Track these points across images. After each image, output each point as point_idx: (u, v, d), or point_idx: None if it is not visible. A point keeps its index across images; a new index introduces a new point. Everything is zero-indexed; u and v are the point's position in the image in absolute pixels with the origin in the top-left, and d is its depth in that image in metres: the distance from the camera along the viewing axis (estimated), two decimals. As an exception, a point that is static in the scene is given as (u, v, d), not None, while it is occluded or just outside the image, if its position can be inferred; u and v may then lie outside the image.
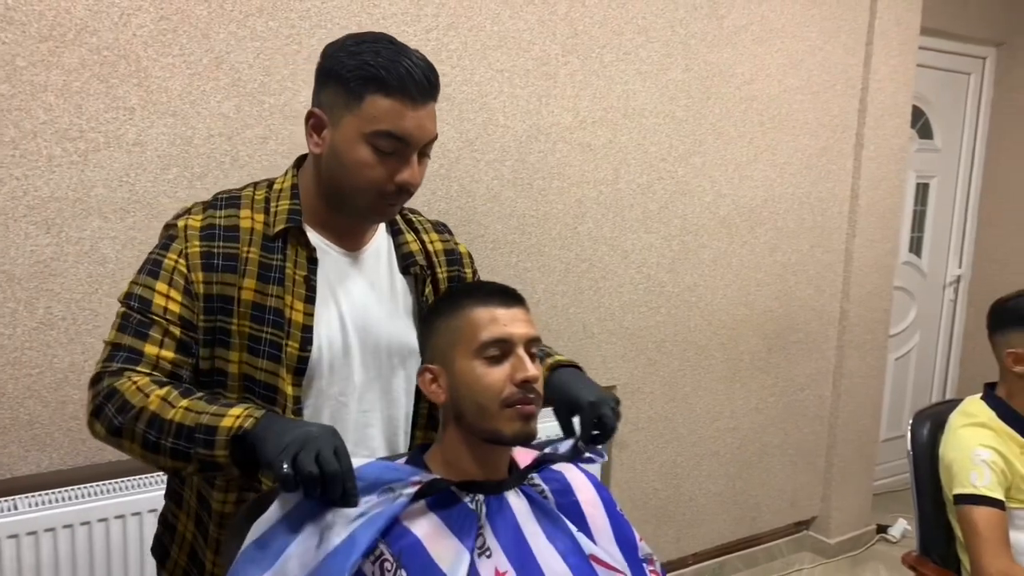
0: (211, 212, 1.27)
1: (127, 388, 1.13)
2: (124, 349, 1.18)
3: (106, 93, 1.86)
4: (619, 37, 2.63)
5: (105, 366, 1.17)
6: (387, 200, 1.25)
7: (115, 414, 1.13)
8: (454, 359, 1.17)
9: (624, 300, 2.82)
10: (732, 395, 3.18)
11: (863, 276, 3.43)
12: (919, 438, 2.07)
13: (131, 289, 1.22)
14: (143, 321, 1.19)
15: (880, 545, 3.70)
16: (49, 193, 1.83)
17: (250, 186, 1.33)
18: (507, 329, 1.17)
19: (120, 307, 1.22)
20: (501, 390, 1.15)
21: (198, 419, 1.08)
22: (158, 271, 1.22)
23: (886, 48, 3.29)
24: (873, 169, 3.36)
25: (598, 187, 2.68)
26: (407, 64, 1.18)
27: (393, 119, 1.18)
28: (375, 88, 1.17)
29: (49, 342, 1.86)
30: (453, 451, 1.20)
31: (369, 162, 1.20)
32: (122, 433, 1.13)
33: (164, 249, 1.24)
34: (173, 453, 1.10)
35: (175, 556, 1.36)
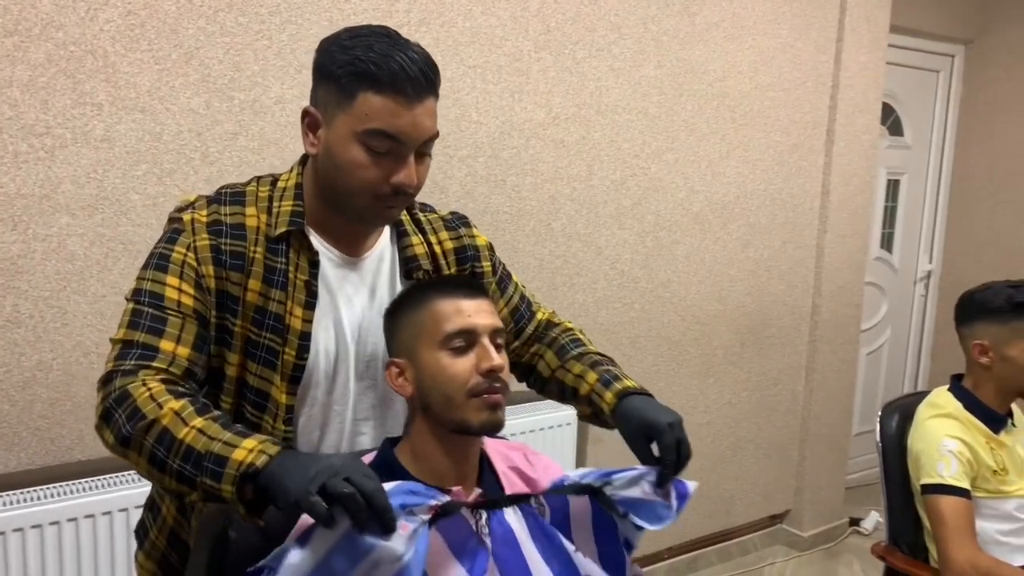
0: (216, 208, 1.21)
1: (140, 395, 1.06)
2: (137, 346, 1.11)
3: (73, 89, 1.85)
4: (592, 33, 2.64)
5: (117, 365, 1.10)
6: (384, 202, 1.19)
7: (125, 422, 1.05)
8: (419, 351, 1.18)
9: (598, 296, 2.83)
10: (706, 390, 3.20)
11: (834, 271, 3.47)
12: (888, 430, 2.09)
13: (139, 285, 1.16)
14: (157, 316, 1.13)
15: (853, 538, 3.73)
16: (15, 190, 1.81)
17: (254, 181, 1.27)
18: (471, 320, 1.17)
19: (128, 304, 1.15)
20: (467, 380, 1.15)
21: (209, 445, 1.01)
22: (167, 265, 1.16)
23: (856, 45, 3.33)
24: (844, 165, 3.40)
25: (571, 183, 2.69)
26: (401, 59, 1.11)
27: (386, 117, 1.12)
28: (367, 85, 1.11)
29: (16, 340, 1.84)
30: (422, 444, 1.20)
31: (363, 163, 1.14)
32: (130, 444, 1.05)
33: (171, 243, 1.18)
34: (179, 476, 1.03)
35: (154, 537, 1.34)
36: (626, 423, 1.28)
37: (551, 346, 1.43)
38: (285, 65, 2.09)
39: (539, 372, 1.44)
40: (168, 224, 1.22)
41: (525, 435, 2.52)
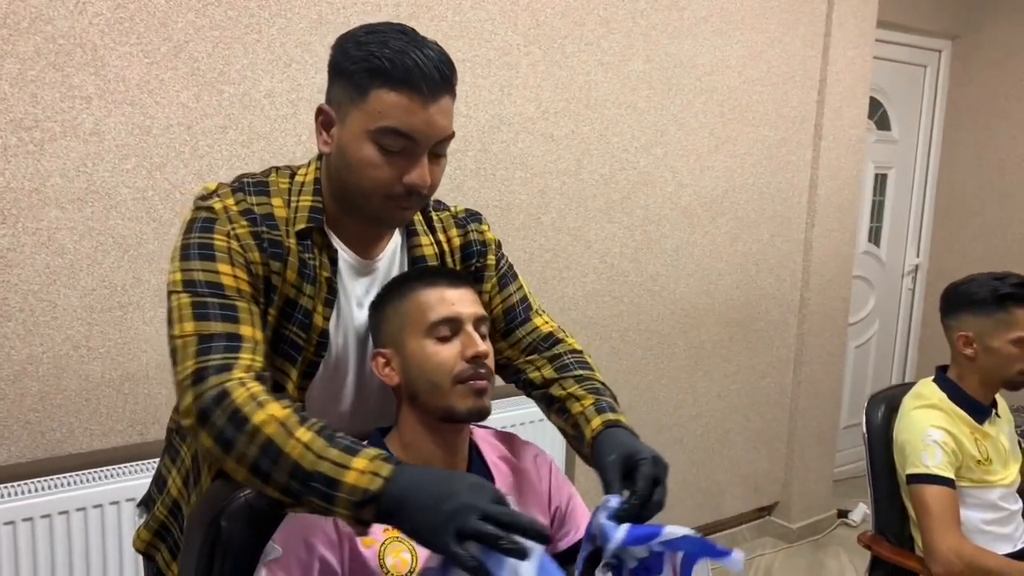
0: (242, 196, 1.17)
1: (239, 394, 1.02)
2: (219, 337, 1.06)
3: (62, 82, 1.85)
4: (581, 28, 2.65)
5: (204, 360, 1.04)
6: (397, 203, 1.16)
7: (226, 424, 1.01)
8: (405, 341, 1.19)
9: (587, 290, 2.84)
10: (695, 383, 3.22)
11: (822, 265, 3.49)
12: (874, 421, 2.12)
13: (187, 276, 1.10)
14: (225, 304, 1.09)
15: (841, 529, 3.77)
16: (4, 183, 1.81)
17: (272, 172, 1.24)
18: (456, 308, 1.19)
19: (180, 297, 1.09)
20: (453, 367, 1.17)
21: (317, 464, 0.97)
22: (212, 253, 1.12)
23: (844, 40, 3.35)
24: (831, 160, 3.42)
25: (561, 177, 2.70)
26: (417, 56, 1.09)
27: (399, 115, 1.09)
28: (380, 81, 1.09)
29: (6, 334, 1.84)
30: (410, 433, 1.21)
31: (375, 161, 1.12)
32: (231, 449, 1.00)
33: (207, 232, 1.13)
34: (284, 490, 1.00)
35: (157, 509, 1.35)
36: (606, 446, 1.18)
37: (552, 361, 1.36)
38: (274, 59, 2.10)
39: (530, 379, 1.37)
40: (194, 212, 1.16)
41: (515, 428, 2.53)
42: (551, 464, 1.39)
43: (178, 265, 1.12)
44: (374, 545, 1.13)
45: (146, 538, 1.36)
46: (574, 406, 1.29)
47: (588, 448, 1.23)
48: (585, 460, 1.27)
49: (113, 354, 1.97)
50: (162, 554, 1.36)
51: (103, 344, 1.96)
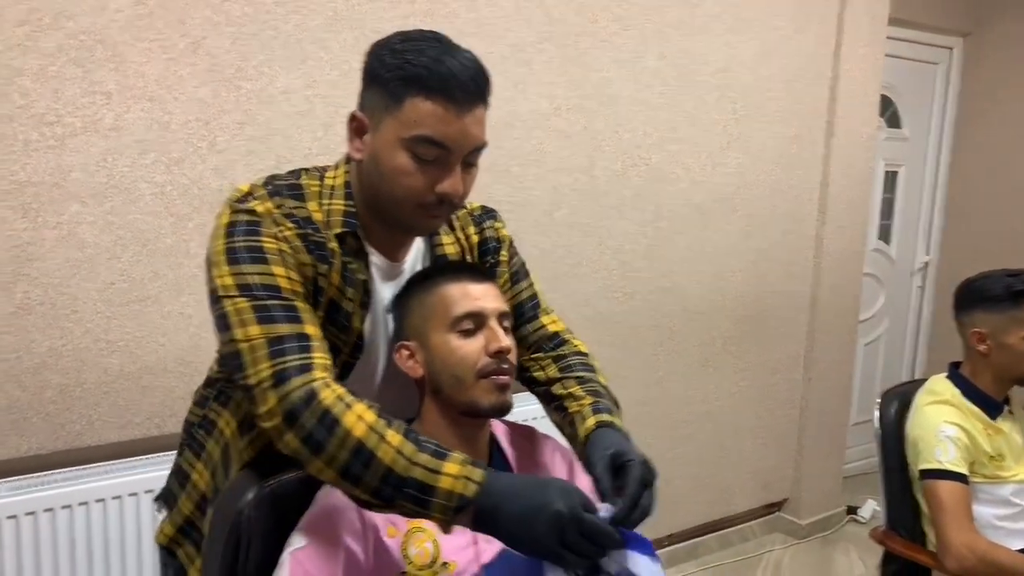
0: (280, 200, 1.16)
1: (327, 395, 1.03)
2: (290, 339, 1.06)
3: (83, 78, 1.86)
4: (594, 24, 2.66)
5: (281, 362, 1.04)
6: (428, 211, 1.16)
7: (316, 426, 1.01)
8: (429, 334, 1.21)
9: (599, 286, 2.85)
10: (706, 379, 3.23)
11: (833, 262, 3.49)
12: (886, 417, 2.12)
13: (241, 280, 1.09)
14: (285, 305, 1.09)
15: (850, 526, 3.77)
16: (26, 178, 1.83)
17: (301, 173, 1.22)
18: (479, 303, 1.21)
19: (237, 302, 1.08)
20: (476, 361, 1.18)
21: (410, 470, 1.00)
22: (263, 255, 1.10)
23: (856, 38, 3.35)
24: (843, 157, 3.42)
25: (574, 174, 2.71)
26: (452, 64, 1.09)
27: (434, 123, 1.09)
28: (416, 89, 1.09)
29: (27, 327, 1.86)
30: (432, 425, 1.23)
31: (408, 169, 1.12)
32: (320, 452, 1.01)
33: (253, 235, 1.12)
34: (375, 493, 1.02)
35: (181, 504, 1.34)
36: (597, 445, 1.18)
37: (557, 360, 1.37)
38: (291, 55, 2.11)
39: (533, 377, 1.38)
40: (231, 215, 1.14)
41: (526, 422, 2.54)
42: (570, 458, 1.40)
43: (227, 269, 1.10)
44: (397, 535, 1.15)
45: (169, 533, 1.36)
46: (572, 405, 1.30)
47: (580, 446, 1.24)
48: (579, 459, 1.28)
49: (132, 347, 1.99)
50: (185, 549, 1.36)
51: (122, 337, 1.98)
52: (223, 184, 2.04)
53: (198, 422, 1.33)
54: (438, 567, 1.16)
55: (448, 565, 1.17)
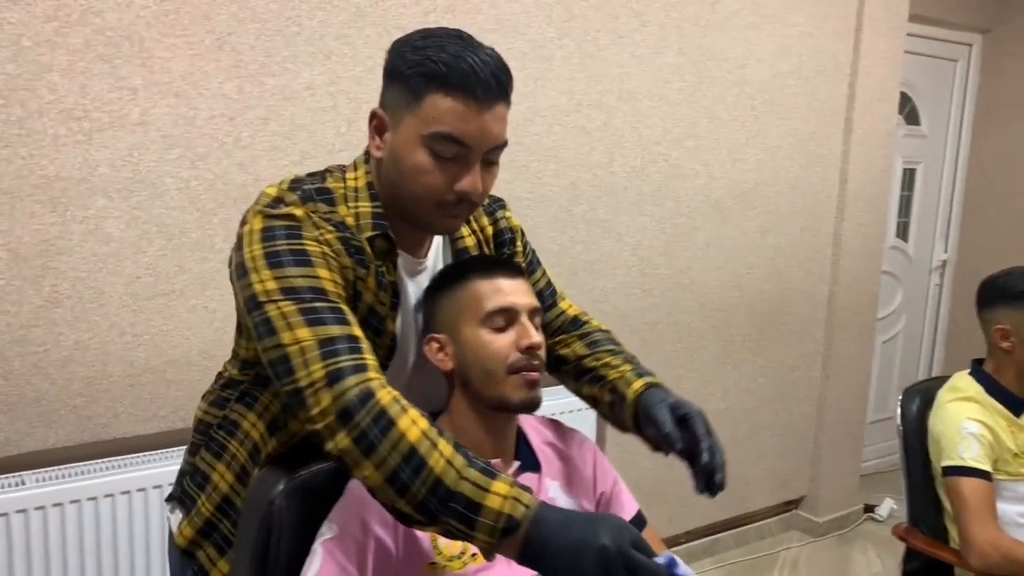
0: (312, 205, 1.14)
1: (384, 395, 1.00)
2: (341, 340, 1.03)
3: (110, 73, 1.88)
4: (614, 20, 2.66)
5: (334, 362, 1.01)
6: (448, 211, 1.15)
7: (370, 425, 0.98)
8: (460, 328, 1.21)
9: (618, 282, 2.86)
10: (723, 376, 3.22)
11: (851, 259, 3.49)
12: (909, 413, 2.12)
13: (286, 284, 1.06)
14: (333, 307, 1.06)
15: (867, 524, 3.77)
16: (55, 172, 1.84)
17: (326, 176, 1.20)
18: (511, 299, 1.21)
19: (283, 305, 1.05)
20: (507, 356, 1.19)
21: (459, 484, 0.96)
22: (308, 259, 1.08)
23: (875, 34, 3.34)
24: (861, 154, 3.41)
25: (593, 170, 2.72)
26: (473, 60, 1.07)
27: (454, 120, 1.08)
28: (436, 86, 1.07)
29: (55, 320, 1.88)
30: (460, 418, 1.24)
31: (427, 167, 1.10)
32: (371, 452, 0.98)
33: (295, 238, 1.10)
34: (420, 506, 0.97)
35: (201, 506, 1.30)
36: (653, 400, 1.24)
37: (582, 338, 1.41)
38: (315, 51, 2.12)
39: (561, 356, 1.41)
40: (266, 220, 1.11)
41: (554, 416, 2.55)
42: (596, 450, 1.41)
43: (268, 273, 1.07)
44: (427, 525, 1.16)
45: (189, 535, 1.33)
46: (610, 373, 1.33)
47: (630, 408, 1.27)
48: (619, 425, 1.33)
49: (157, 341, 2.01)
50: (206, 551, 1.32)
51: (147, 331, 2.00)
52: (247, 179, 2.06)
53: (217, 423, 1.30)
54: (467, 557, 1.17)
55: (477, 556, 1.18)
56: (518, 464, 1.26)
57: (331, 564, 1.11)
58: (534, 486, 1.28)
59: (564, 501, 1.30)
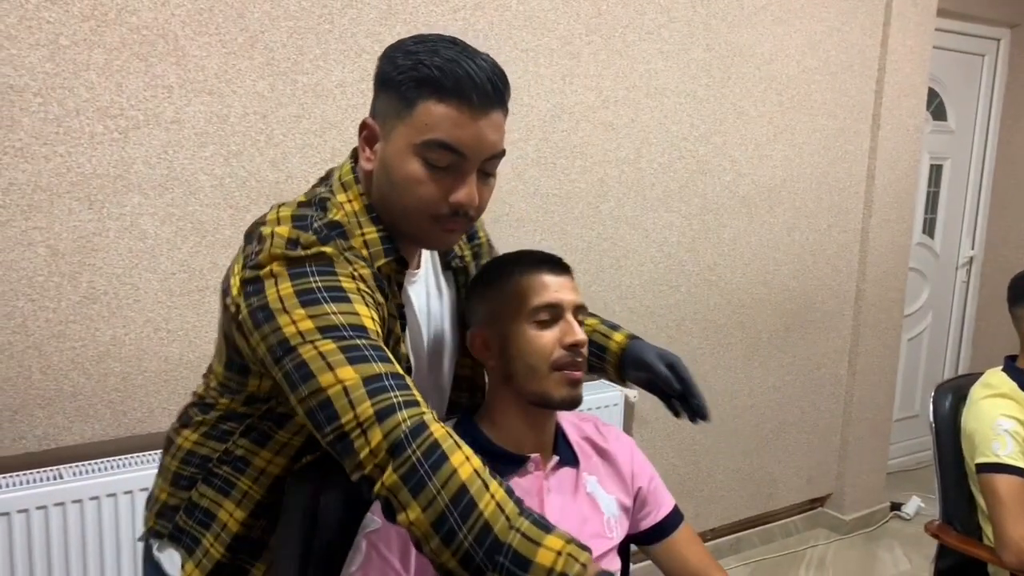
0: (333, 243, 1.05)
1: (437, 428, 0.92)
2: (388, 377, 0.94)
3: (145, 72, 1.90)
4: (642, 16, 2.66)
5: (383, 399, 0.92)
6: (443, 225, 1.09)
7: (422, 459, 0.89)
8: (505, 322, 1.22)
9: (645, 279, 2.85)
10: (750, 373, 3.21)
11: (879, 256, 3.46)
12: (941, 410, 2.11)
13: (323, 323, 0.96)
14: (375, 345, 0.97)
15: (894, 522, 3.74)
16: (91, 170, 1.87)
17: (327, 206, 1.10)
18: (557, 295, 1.21)
19: (321, 344, 0.95)
20: (551, 352, 1.19)
21: (507, 535, 0.87)
22: (345, 296, 1.00)
23: (903, 29, 3.31)
24: (889, 149, 3.39)
25: (620, 166, 2.71)
26: (468, 65, 1.02)
27: (448, 127, 1.02)
28: (429, 92, 1.02)
29: (92, 315, 1.91)
30: (502, 413, 1.24)
31: (420, 177, 1.04)
32: (421, 490, 0.88)
33: (329, 275, 1.01)
34: (464, 559, 0.88)
35: (210, 548, 1.21)
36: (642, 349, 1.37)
37: None
38: (346, 49, 2.13)
39: None
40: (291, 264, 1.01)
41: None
42: (633, 445, 1.41)
43: (302, 313, 0.97)
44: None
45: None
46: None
47: (614, 357, 1.39)
48: (601, 373, 1.44)
49: (191, 336, 2.03)
50: None
51: (181, 327, 2.02)
52: (279, 177, 2.07)
53: (218, 457, 1.20)
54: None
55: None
56: (557, 459, 1.27)
57: (374, 556, 1.12)
58: (572, 481, 1.29)
59: (602, 496, 1.31)
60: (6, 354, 1.83)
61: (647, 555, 1.41)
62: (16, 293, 1.83)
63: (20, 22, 1.75)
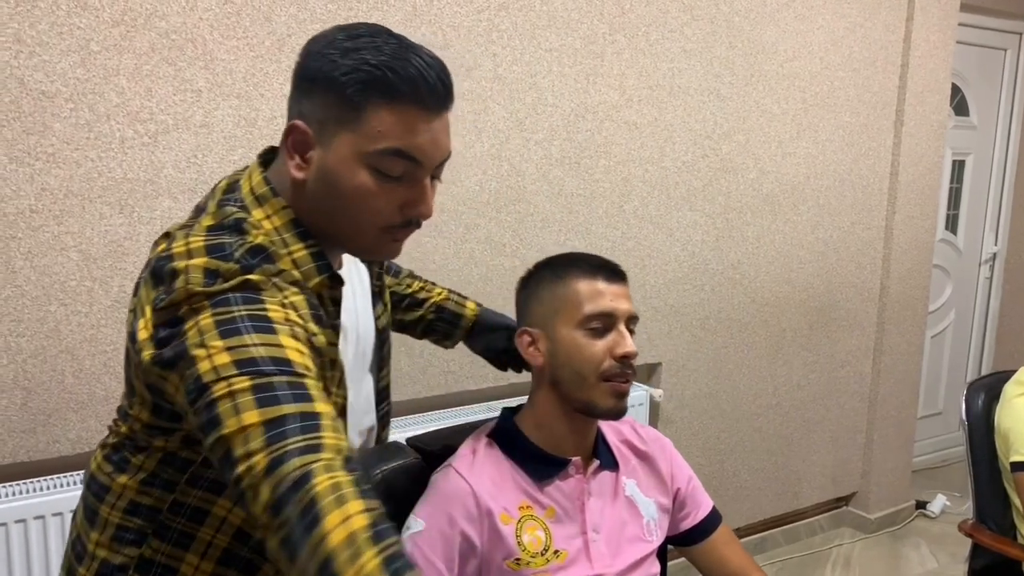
0: (260, 270, 0.93)
1: (321, 481, 0.76)
2: (292, 419, 0.81)
3: (174, 76, 1.90)
4: (665, 15, 2.65)
5: (279, 447, 0.79)
6: (393, 235, 1.00)
7: (297, 521, 0.75)
8: (556, 326, 1.21)
9: (669, 278, 2.84)
10: (775, 372, 3.20)
11: (903, 253, 3.44)
12: (974, 408, 2.09)
13: (240, 355, 0.85)
14: (296, 383, 0.84)
15: (919, 521, 3.72)
16: (122, 174, 1.87)
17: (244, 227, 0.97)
18: (612, 304, 1.20)
19: (234, 383, 0.83)
20: (601, 362, 1.18)
21: None
22: (271, 325, 0.88)
23: (926, 24, 3.29)
24: (913, 146, 3.37)
25: (644, 165, 2.71)
26: (418, 63, 0.93)
27: (402, 134, 0.93)
28: (379, 94, 0.92)
29: (123, 320, 1.91)
30: (545, 415, 1.24)
31: (371, 189, 0.95)
32: (294, 559, 0.75)
33: (255, 303, 0.90)
34: None
35: None
36: (491, 320, 1.44)
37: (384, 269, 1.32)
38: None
39: None
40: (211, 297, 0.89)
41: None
42: (670, 446, 1.41)
43: (219, 345, 0.85)
44: (511, 522, 1.17)
45: None
46: (431, 295, 1.46)
47: (468, 323, 1.44)
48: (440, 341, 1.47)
49: (221, 340, 2.03)
50: None
51: (211, 330, 2.02)
52: (307, 179, 2.08)
53: (168, 507, 1.01)
54: (550, 555, 1.18)
55: (559, 553, 1.18)
56: (597, 463, 1.27)
57: (418, 558, 1.12)
58: (612, 485, 1.28)
59: (641, 500, 1.31)
60: (39, 358, 1.84)
61: (685, 556, 1.40)
62: (49, 298, 1.84)
63: (51, 28, 1.76)
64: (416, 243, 2.27)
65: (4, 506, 1.78)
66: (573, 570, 1.18)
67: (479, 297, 1.56)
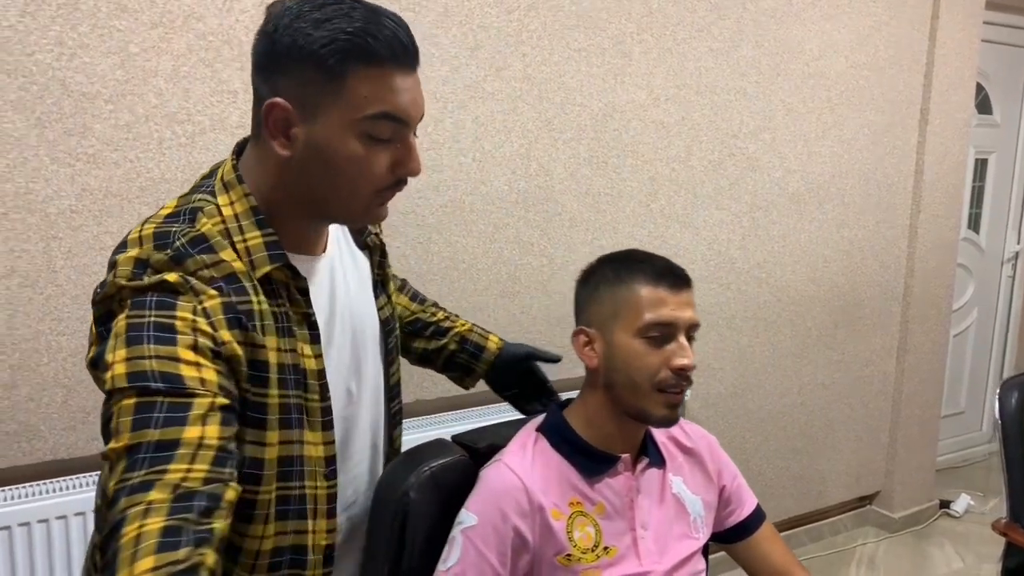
0: (191, 261, 0.93)
1: (128, 531, 0.75)
2: (148, 448, 0.81)
3: (211, 77, 1.92)
4: (692, 14, 2.65)
5: (125, 479, 0.79)
6: (382, 198, 1.02)
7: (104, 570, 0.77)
8: (614, 330, 1.19)
9: (695, 276, 2.78)
10: (800, 371, 3.20)
11: (927, 252, 3.43)
12: (1007, 407, 2.09)
13: (138, 368, 0.85)
14: (176, 404, 0.84)
15: (943, 520, 3.71)
16: (160, 175, 1.89)
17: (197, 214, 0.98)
18: (673, 313, 1.17)
19: (124, 400, 0.84)
20: (657, 372, 1.16)
21: None
22: (172, 335, 0.87)
23: (951, 22, 3.28)
24: (937, 144, 3.36)
25: (671, 164, 2.71)
26: (390, 24, 0.94)
27: (386, 96, 0.94)
28: (358, 61, 0.92)
29: (161, 319, 1.93)
30: (596, 414, 1.24)
31: (363, 155, 0.96)
32: None
33: (166, 308, 0.89)
34: None
35: None
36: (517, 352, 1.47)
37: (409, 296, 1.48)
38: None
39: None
40: (134, 294, 0.90)
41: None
42: (715, 443, 1.41)
43: (122, 354, 0.86)
44: (562, 518, 1.17)
45: None
46: (455, 326, 1.48)
47: (492, 355, 1.46)
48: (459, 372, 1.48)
49: (256, 339, 2.05)
50: None
51: (247, 329, 2.03)
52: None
53: None
54: (600, 551, 1.18)
55: (609, 550, 1.19)
56: (646, 461, 1.27)
57: (471, 552, 1.13)
58: (659, 482, 1.29)
59: (687, 497, 1.31)
60: (79, 357, 1.86)
61: (729, 553, 1.41)
62: (89, 297, 1.85)
63: (92, 31, 1.78)
64: (447, 243, 2.29)
65: (47, 502, 1.80)
66: (622, 566, 1.19)
67: (507, 295, 1.57)
